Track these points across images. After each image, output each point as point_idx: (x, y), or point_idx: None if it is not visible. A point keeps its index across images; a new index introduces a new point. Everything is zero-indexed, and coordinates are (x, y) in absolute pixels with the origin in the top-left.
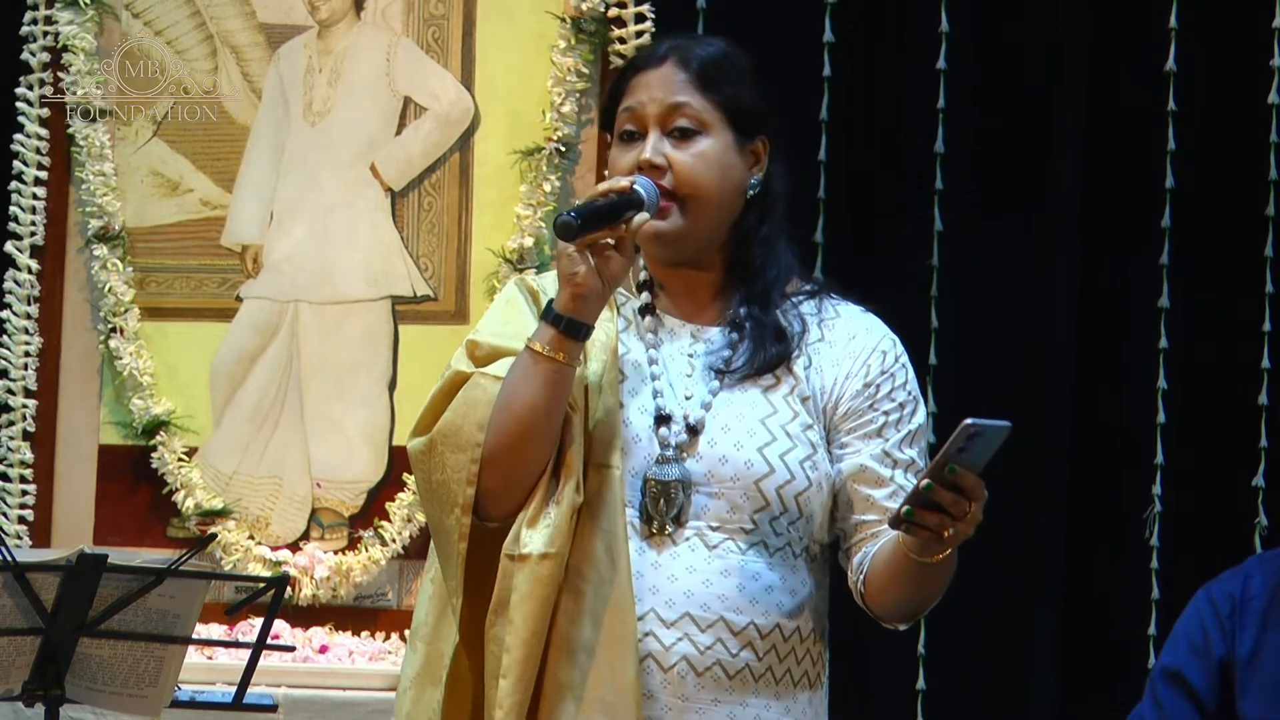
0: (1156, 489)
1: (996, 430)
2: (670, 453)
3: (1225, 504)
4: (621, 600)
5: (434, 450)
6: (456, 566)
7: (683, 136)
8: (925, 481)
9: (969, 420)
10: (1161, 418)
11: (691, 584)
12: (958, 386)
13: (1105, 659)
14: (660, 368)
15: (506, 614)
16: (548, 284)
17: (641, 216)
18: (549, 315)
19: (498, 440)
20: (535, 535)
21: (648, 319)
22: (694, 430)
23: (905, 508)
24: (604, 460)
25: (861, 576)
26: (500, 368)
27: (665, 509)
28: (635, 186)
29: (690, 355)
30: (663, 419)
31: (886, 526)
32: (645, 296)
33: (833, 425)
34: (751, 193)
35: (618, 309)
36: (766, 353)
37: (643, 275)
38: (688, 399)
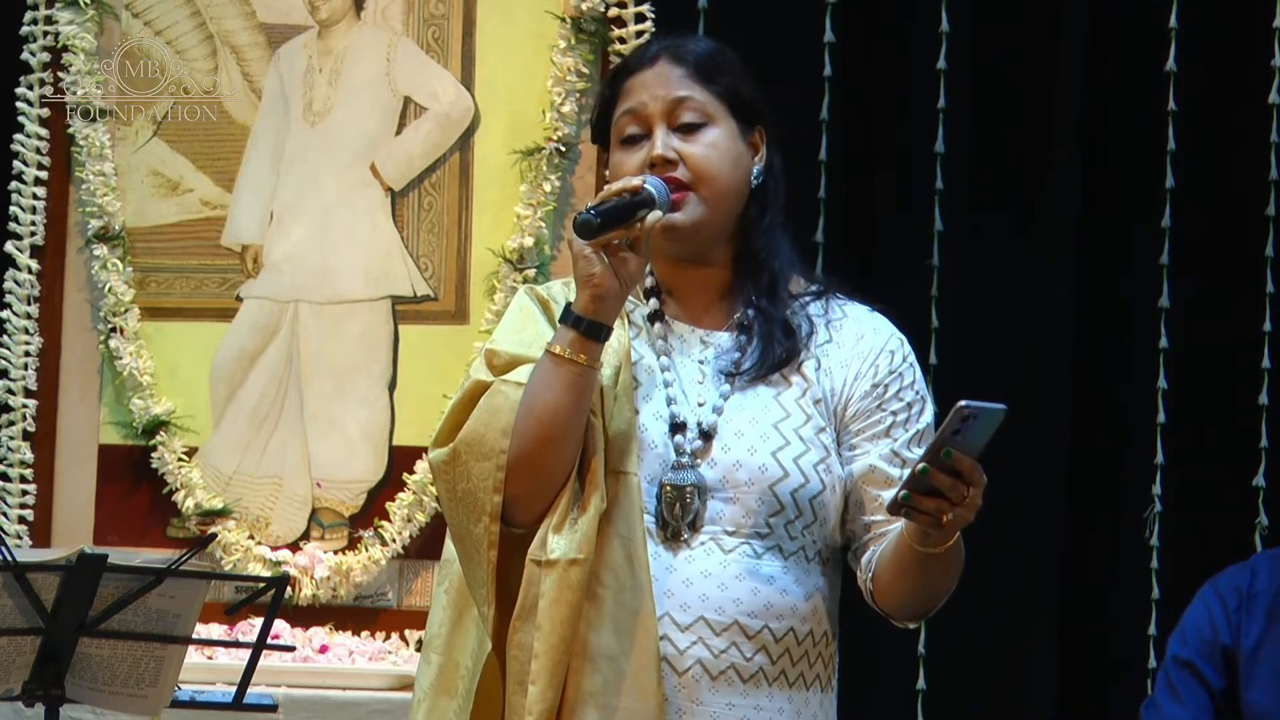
0: (1156, 489)
1: (992, 413)
2: (685, 459)
3: (1225, 504)
4: (643, 607)
5: (458, 460)
6: (486, 575)
7: (690, 130)
8: (921, 465)
9: (963, 402)
10: (1161, 418)
11: (706, 588)
12: (958, 386)
13: (1105, 659)
14: (673, 374)
15: (534, 619)
16: (556, 292)
17: (654, 215)
18: (568, 318)
19: (523, 446)
20: (562, 541)
21: (657, 325)
22: (707, 435)
23: (902, 492)
24: (621, 467)
25: (870, 575)
26: (520, 375)
27: (681, 514)
28: (646, 185)
29: (701, 362)
30: (677, 426)
31: (894, 525)
32: (653, 303)
33: (842, 426)
34: (756, 182)
35: (627, 316)
36: (775, 351)
37: (649, 281)
38: (700, 405)
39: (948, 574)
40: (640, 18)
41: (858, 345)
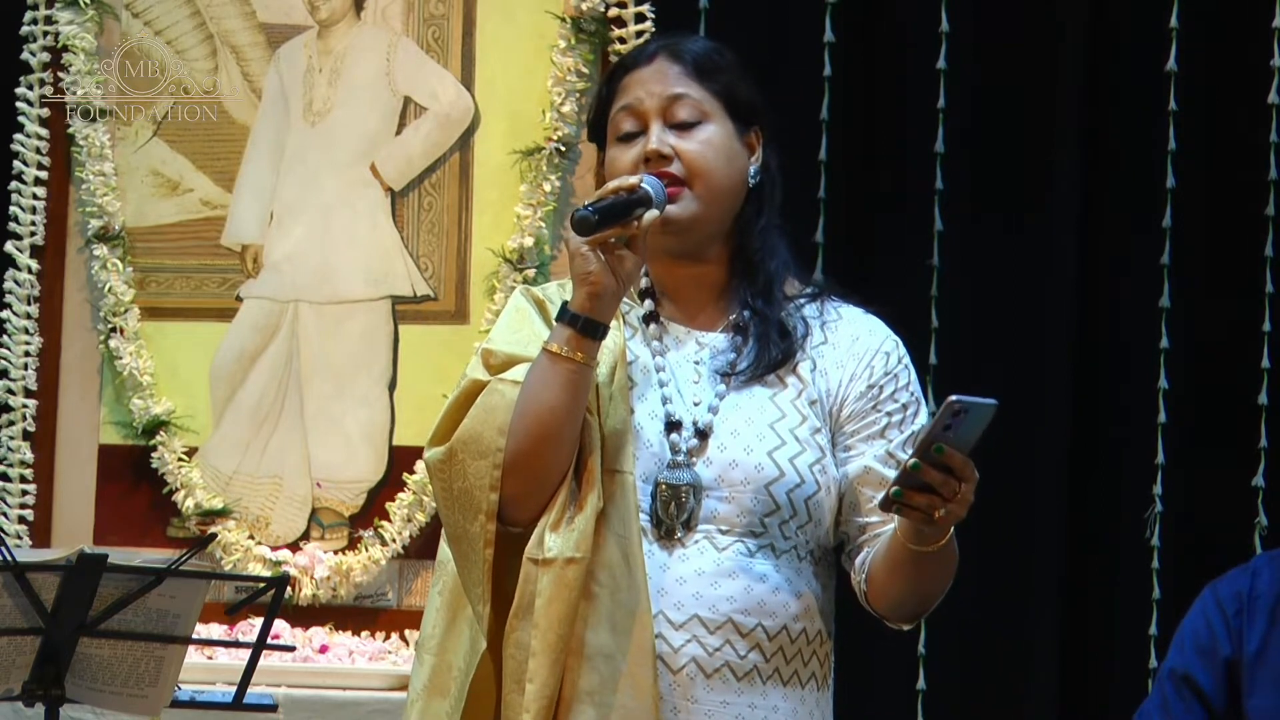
0: (1156, 489)
1: (983, 408)
2: (681, 458)
3: (1225, 504)
4: (639, 606)
5: (454, 459)
6: (482, 574)
7: (685, 127)
8: (912, 461)
9: (953, 397)
10: (1162, 418)
11: (700, 586)
12: (957, 386)
13: (1105, 659)
14: (668, 374)
15: (530, 618)
16: (552, 293)
17: (651, 214)
18: (565, 316)
19: (519, 444)
20: (559, 539)
21: (653, 326)
22: (703, 434)
23: (894, 488)
24: (617, 466)
25: (864, 576)
26: (517, 373)
27: (676, 513)
28: (643, 184)
29: (696, 362)
30: (673, 425)
31: (888, 526)
32: (649, 304)
33: (837, 427)
34: (752, 182)
35: (623, 317)
36: (771, 352)
37: (644, 283)
38: (696, 404)
39: (941, 574)
40: (640, 18)
41: (853, 347)
